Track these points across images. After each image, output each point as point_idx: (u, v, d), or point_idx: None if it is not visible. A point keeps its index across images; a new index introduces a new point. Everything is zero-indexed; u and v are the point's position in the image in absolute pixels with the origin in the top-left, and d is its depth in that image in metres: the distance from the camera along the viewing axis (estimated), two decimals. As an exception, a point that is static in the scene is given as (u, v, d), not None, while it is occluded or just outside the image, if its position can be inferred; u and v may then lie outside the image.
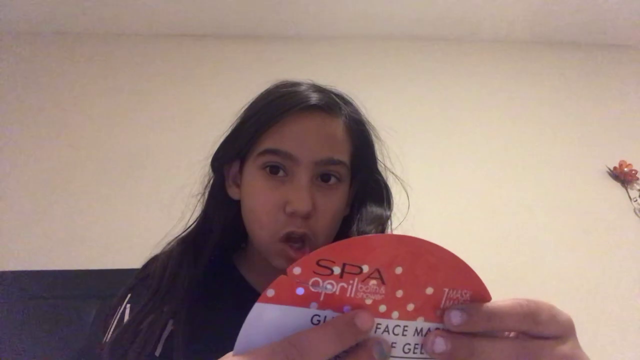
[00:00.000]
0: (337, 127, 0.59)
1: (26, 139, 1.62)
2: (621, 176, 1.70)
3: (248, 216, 0.58)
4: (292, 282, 0.26)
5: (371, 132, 0.65)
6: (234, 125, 0.62)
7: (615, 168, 1.71)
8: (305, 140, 0.55)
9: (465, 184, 1.65)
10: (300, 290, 0.27)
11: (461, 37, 2.01)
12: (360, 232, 0.58)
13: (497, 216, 1.59)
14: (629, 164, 1.70)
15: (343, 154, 0.58)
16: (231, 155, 0.60)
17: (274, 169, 0.55)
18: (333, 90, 0.63)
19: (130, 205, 1.49)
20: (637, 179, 1.70)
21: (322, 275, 0.26)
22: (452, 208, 1.59)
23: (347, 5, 1.86)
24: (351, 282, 0.27)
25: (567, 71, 1.99)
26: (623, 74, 1.99)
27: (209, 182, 0.64)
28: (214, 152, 0.63)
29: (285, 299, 0.27)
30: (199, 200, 0.65)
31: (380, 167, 0.65)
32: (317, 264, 0.26)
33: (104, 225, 1.45)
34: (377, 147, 0.65)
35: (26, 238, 1.42)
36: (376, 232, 0.59)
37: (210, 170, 0.63)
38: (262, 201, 0.55)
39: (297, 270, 0.26)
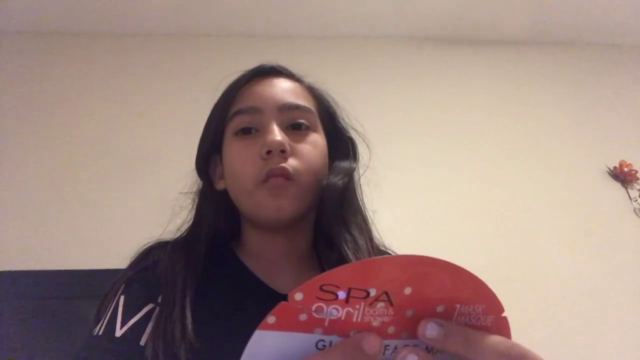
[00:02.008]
0: (296, 84, 0.63)
1: (26, 139, 1.62)
2: (621, 176, 1.70)
3: (233, 184, 0.59)
4: (294, 308, 0.25)
5: (330, 97, 0.68)
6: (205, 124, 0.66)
7: (615, 168, 1.71)
8: (264, 91, 0.60)
9: (465, 184, 1.65)
10: (303, 316, 0.25)
11: (460, 37, 2.01)
12: (328, 184, 0.58)
13: (497, 216, 1.59)
14: (629, 164, 1.70)
15: (306, 102, 0.61)
16: (207, 148, 0.63)
17: (245, 131, 0.58)
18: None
19: (130, 205, 1.49)
20: (637, 179, 1.70)
21: (326, 300, 0.25)
22: (452, 208, 1.59)
23: (346, 5, 1.86)
24: (357, 306, 0.25)
25: (567, 71, 1.99)
26: (623, 74, 1.99)
27: (197, 188, 0.66)
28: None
29: (287, 325, 0.25)
30: (192, 205, 0.66)
31: (344, 124, 0.67)
32: (321, 289, 0.25)
33: (104, 225, 1.45)
34: (337, 110, 0.68)
35: (26, 238, 1.42)
36: (342, 183, 0.59)
37: (198, 177, 0.65)
38: (240, 159, 0.57)
39: (298, 295, 0.25)
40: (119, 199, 1.51)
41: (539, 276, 1.47)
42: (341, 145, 0.65)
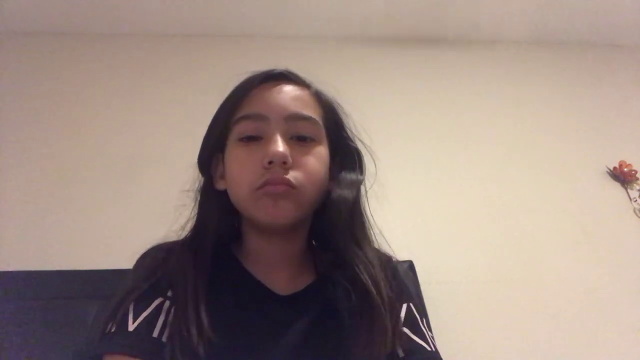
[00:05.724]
0: (304, 92, 0.63)
1: (25, 140, 1.62)
2: (621, 176, 1.69)
3: (232, 188, 0.60)
4: None
5: (337, 105, 0.68)
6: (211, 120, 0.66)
7: (615, 168, 1.71)
8: (272, 99, 0.59)
9: (465, 184, 1.65)
10: None
11: (460, 37, 2.01)
12: (339, 198, 0.59)
13: (497, 216, 1.58)
14: (629, 164, 1.70)
15: (313, 112, 0.61)
16: (211, 146, 0.64)
17: (250, 138, 0.58)
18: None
19: (130, 205, 1.49)
20: (637, 179, 1.70)
21: None
22: (452, 208, 1.58)
23: (345, 6, 1.86)
24: None
25: (567, 71, 1.99)
26: (623, 74, 1.99)
27: (199, 184, 0.67)
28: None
29: None
30: (194, 204, 0.66)
31: (351, 134, 0.67)
32: None
33: (104, 226, 1.45)
34: (345, 120, 0.68)
35: (26, 238, 1.42)
36: (352, 197, 0.60)
37: (200, 173, 0.66)
38: (241, 165, 0.57)
39: None
40: (119, 198, 1.51)
41: (539, 276, 1.46)
42: (347, 156, 0.65)
